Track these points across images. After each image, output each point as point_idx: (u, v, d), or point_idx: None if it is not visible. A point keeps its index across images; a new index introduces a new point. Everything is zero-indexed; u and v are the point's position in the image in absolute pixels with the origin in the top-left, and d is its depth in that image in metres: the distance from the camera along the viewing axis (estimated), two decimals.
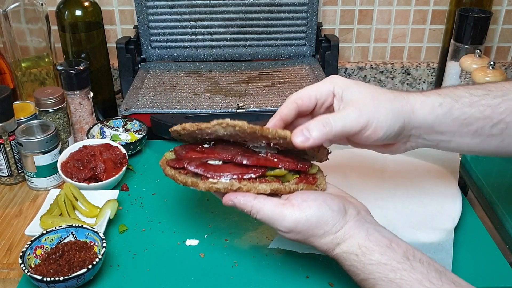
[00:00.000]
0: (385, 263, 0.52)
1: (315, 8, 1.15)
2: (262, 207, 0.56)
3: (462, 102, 0.58)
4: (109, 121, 0.97)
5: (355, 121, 0.56)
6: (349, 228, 0.56)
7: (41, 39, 1.04)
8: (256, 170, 0.58)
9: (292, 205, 0.56)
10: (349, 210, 0.57)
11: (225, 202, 0.58)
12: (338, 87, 0.60)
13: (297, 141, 0.56)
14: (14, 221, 0.79)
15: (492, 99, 0.58)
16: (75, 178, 0.81)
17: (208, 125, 0.57)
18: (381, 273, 0.52)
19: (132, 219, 0.76)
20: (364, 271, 0.54)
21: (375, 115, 0.56)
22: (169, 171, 0.61)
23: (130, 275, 0.65)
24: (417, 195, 0.76)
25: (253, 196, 0.57)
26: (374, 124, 0.56)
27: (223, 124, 0.56)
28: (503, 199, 0.79)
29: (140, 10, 1.13)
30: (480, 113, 0.57)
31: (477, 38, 1.09)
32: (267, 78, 1.11)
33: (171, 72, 1.14)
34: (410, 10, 1.24)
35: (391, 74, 1.29)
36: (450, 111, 0.58)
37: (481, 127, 0.58)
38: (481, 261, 0.68)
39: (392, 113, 0.57)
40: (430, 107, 0.58)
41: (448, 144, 0.60)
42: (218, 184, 0.57)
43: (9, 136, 0.84)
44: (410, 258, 0.53)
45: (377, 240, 0.54)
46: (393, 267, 0.52)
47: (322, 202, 0.56)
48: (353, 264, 0.55)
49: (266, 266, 0.67)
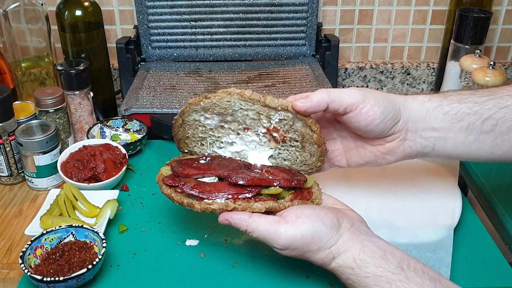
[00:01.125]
0: (380, 275, 0.53)
1: (315, 8, 1.15)
2: (257, 226, 0.58)
3: (450, 99, 0.61)
4: (109, 121, 0.97)
5: (352, 94, 0.59)
6: (344, 241, 0.57)
7: (41, 39, 1.04)
8: (251, 190, 0.60)
9: (286, 222, 0.57)
10: (343, 223, 0.58)
11: (220, 221, 0.60)
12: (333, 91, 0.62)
13: (297, 103, 0.58)
14: (14, 221, 0.79)
15: (479, 97, 0.61)
16: (75, 178, 0.81)
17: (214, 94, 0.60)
18: (376, 286, 0.53)
19: (132, 219, 0.76)
20: (360, 284, 0.55)
21: (371, 94, 0.59)
22: (165, 189, 0.62)
23: (130, 275, 0.65)
24: (417, 192, 0.76)
25: (248, 214, 0.58)
26: (372, 101, 0.59)
27: (228, 91, 0.59)
28: (503, 199, 0.79)
29: (140, 10, 1.13)
30: (468, 108, 0.60)
31: (477, 38, 1.09)
32: (267, 78, 1.11)
33: (171, 72, 1.14)
34: (410, 10, 1.24)
35: (391, 74, 1.29)
36: (439, 105, 0.61)
37: (472, 123, 0.60)
38: (481, 261, 0.68)
39: (386, 98, 0.60)
40: (420, 101, 0.61)
41: (445, 142, 0.61)
42: (213, 205, 0.59)
43: (9, 136, 0.84)
44: (404, 268, 0.54)
45: (371, 252, 0.55)
46: (388, 278, 0.53)
47: (316, 218, 0.57)
48: (349, 278, 0.56)
49: (266, 266, 0.67)
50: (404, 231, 0.68)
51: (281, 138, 0.63)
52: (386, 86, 1.30)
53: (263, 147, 0.66)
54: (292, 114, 0.60)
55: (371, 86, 1.30)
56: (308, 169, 0.65)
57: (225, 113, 0.63)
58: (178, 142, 0.69)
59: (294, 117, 0.61)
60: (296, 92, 1.03)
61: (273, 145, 0.65)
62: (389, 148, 0.62)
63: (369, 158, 0.64)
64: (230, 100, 0.61)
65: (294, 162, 0.66)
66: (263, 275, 0.65)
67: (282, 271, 0.66)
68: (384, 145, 0.62)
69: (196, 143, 0.68)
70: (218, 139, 0.66)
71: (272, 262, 0.67)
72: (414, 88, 1.30)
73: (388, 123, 0.60)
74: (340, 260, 0.56)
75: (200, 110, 0.63)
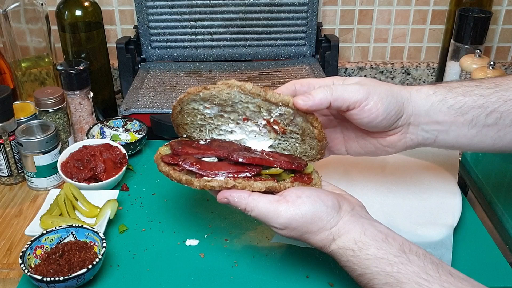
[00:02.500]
0: (382, 257, 0.53)
1: (315, 8, 1.15)
2: (256, 205, 0.56)
3: (455, 91, 0.60)
4: (109, 121, 0.97)
5: (355, 91, 0.58)
6: (344, 223, 0.56)
7: (41, 39, 1.04)
8: (251, 169, 0.58)
9: (286, 201, 0.56)
10: (344, 206, 0.58)
11: (219, 199, 0.58)
12: (337, 79, 0.62)
13: (299, 101, 0.57)
14: (14, 221, 0.79)
15: (484, 89, 0.60)
16: (75, 178, 0.81)
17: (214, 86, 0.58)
18: (378, 267, 0.52)
19: (132, 219, 0.76)
20: (360, 266, 0.54)
21: (375, 90, 0.58)
22: (163, 167, 0.61)
23: (130, 275, 0.65)
24: (417, 191, 0.76)
25: (247, 193, 0.57)
26: (375, 98, 0.58)
27: (228, 84, 0.58)
28: (503, 199, 0.79)
29: (140, 10, 1.13)
30: (473, 102, 0.59)
31: (477, 38, 1.09)
32: (267, 78, 1.11)
33: (171, 72, 1.14)
34: (410, 10, 1.24)
35: (391, 74, 1.29)
36: (444, 99, 0.60)
37: (476, 116, 0.59)
38: (481, 261, 0.68)
39: (391, 93, 0.59)
40: (425, 94, 0.60)
41: (447, 135, 0.61)
42: (212, 182, 0.57)
43: (9, 136, 0.84)
44: (406, 252, 0.53)
45: (372, 235, 0.55)
46: (389, 260, 0.52)
47: (316, 198, 0.57)
48: (349, 260, 0.55)
49: (266, 266, 0.67)
50: (404, 230, 0.68)
51: (281, 130, 0.63)
52: None
53: (262, 137, 0.65)
54: (293, 109, 0.59)
55: None
56: (308, 160, 0.65)
57: (224, 104, 0.62)
58: (176, 127, 0.67)
59: (295, 113, 0.60)
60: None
61: (273, 135, 0.64)
62: (390, 141, 0.62)
63: (369, 149, 0.64)
64: (230, 92, 0.60)
65: (293, 153, 0.65)
66: (263, 275, 0.65)
67: (282, 271, 0.66)
68: (385, 138, 0.62)
69: (195, 129, 0.67)
70: (217, 127, 0.66)
71: (272, 262, 0.68)
72: None
73: (391, 119, 0.59)
74: (341, 242, 0.55)
75: (199, 100, 0.62)
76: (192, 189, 0.83)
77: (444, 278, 0.51)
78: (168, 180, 0.85)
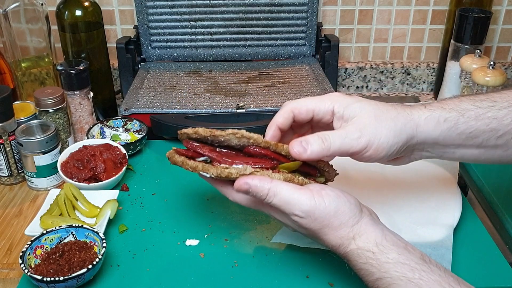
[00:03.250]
0: (403, 262, 0.51)
1: (315, 8, 1.15)
2: (279, 190, 0.54)
3: (467, 115, 0.57)
4: (109, 121, 0.97)
5: (355, 141, 0.55)
6: (365, 224, 0.55)
7: (41, 39, 1.04)
8: (268, 161, 0.56)
9: (310, 191, 0.55)
10: (364, 209, 0.57)
11: (239, 186, 0.55)
12: (338, 106, 0.58)
13: (294, 151, 0.55)
14: (14, 221, 0.79)
15: (498, 110, 0.57)
16: (75, 178, 0.81)
17: (222, 133, 0.55)
18: (398, 272, 0.51)
19: (132, 219, 0.76)
20: (380, 269, 0.52)
21: (376, 136, 0.55)
22: (178, 158, 0.59)
23: (130, 275, 0.65)
24: (417, 191, 0.76)
25: (269, 179, 0.55)
26: (375, 145, 0.56)
27: (237, 135, 0.55)
28: (503, 199, 0.79)
29: (140, 10, 1.13)
30: (486, 125, 0.57)
31: (477, 38, 1.09)
32: (267, 78, 1.11)
33: (171, 72, 1.14)
34: (410, 10, 1.24)
35: (391, 74, 1.29)
36: (455, 125, 0.57)
37: (486, 139, 0.57)
38: (481, 261, 0.67)
39: (394, 132, 0.56)
40: (435, 122, 0.57)
41: (453, 155, 0.60)
42: (230, 169, 0.55)
43: (9, 136, 0.84)
44: (427, 261, 0.52)
45: (393, 241, 0.54)
46: (411, 267, 0.51)
47: (340, 193, 0.55)
48: (368, 262, 0.53)
49: (266, 266, 0.67)
50: (404, 230, 0.68)
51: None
52: (386, 86, 1.30)
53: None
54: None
55: (371, 86, 1.30)
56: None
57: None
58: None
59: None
60: (296, 92, 1.03)
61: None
62: (394, 162, 0.62)
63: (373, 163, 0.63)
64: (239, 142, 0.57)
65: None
66: (263, 275, 0.65)
67: (282, 271, 0.66)
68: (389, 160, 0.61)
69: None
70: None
71: (272, 262, 0.67)
72: (414, 88, 1.30)
73: (391, 156, 0.58)
74: (361, 242, 0.53)
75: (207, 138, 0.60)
76: (192, 189, 0.83)
77: None
78: (168, 180, 0.86)
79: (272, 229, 0.71)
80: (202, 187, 0.83)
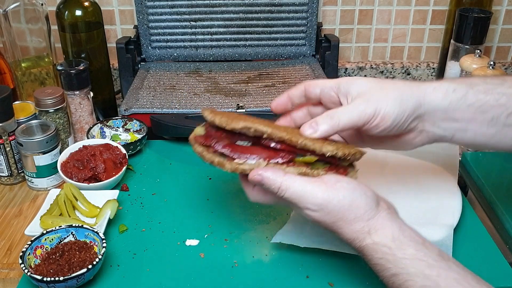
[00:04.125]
0: (421, 259, 0.50)
1: (315, 8, 1.15)
2: (292, 183, 0.54)
3: (476, 89, 0.57)
4: (109, 121, 0.97)
5: (362, 112, 0.55)
6: (382, 218, 0.54)
7: (41, 39, 1.04)
8: (284, 155, 0.56)
9: (325, 183, 0.54)
10: (381, 202, 0.56)
11: (251, 177, 0.55)
12: (343, 84, 0.59)
13: (306, 133, 0.56)
14: (14, 221, 0.79)
15: (508, 88, 0.57)
16: (75, 178, 0.81)
17: (236, 127, 0.56)
18: (415, 268, 0.50)
19: (132, 219, 0.76)
20: (397, 265, 0.51)
21: (383, 103, 0.55)
22: (197, 147, 0.60)
23: (130, 275, 0.65)
24: (417, 191, 0.76)
25: (282, 172, 0.54)
26: (382, 112, 0.55)
27: (251, 129, 0.56)
28: (503, 199, 0.79)
29: (140, 10, 1.13)
30: (495, 101, 0.56)
31: (477, 38, 1.09)
32: (267, 78, 1.11)
33: (171, 72, 1.14)
34: (410, 10, 1.24)
35: (391, 74, 1.29)
36: (464, 96, 0.57)
37: (496, 116, 0.57)
38: (481, 261, 0.68)
39: (400, 99, 0.56)
40: (444, 92, 0.57)
41: (464, 134, 0.58)
42: (244, 165, 0.56)
43: (9, 136, 0.84)
44: (445, 258, 0.51)
45: (410, 236, 0.53)
46: (429, 263, 0.50)
47: (356, 186, 0.55)
48: (384, 257, 0.52)
49: (266, 266, 0.67)
50: None
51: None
52: None
53: None
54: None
55: None
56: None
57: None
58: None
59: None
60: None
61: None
62: (406, 140, 0.60)
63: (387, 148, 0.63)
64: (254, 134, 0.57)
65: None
66: (263, 275, 0.65)
67: (282, 271, 0.66)
68: (400, 138, 0.60)
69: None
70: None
71: (272, 262, 0.67)
72: None
73: (401, 126, 0.57)
74: (377, 237, 0.52)
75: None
76: (192, 189, 0.83)
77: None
78: (168, 180, 0.86)
79: (272, 229, 0.71)
80: (202, 187, 0.83)
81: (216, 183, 0.84)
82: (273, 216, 0.76)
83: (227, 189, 0.83)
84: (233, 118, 0.57)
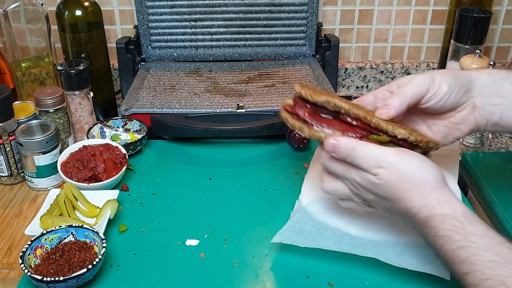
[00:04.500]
0: (492, 237, 0.51)
1: (315, 8, 1.15)
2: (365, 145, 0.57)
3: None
4: (109, 121, 0.97)
5: (422, 81, 0.61)
6: (449, 194, 0.55)
7: (41, 39, 1.04)
8: (358, 131, 0.60)
9: (397, 150, 0.57)
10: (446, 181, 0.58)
11: (327, 144, 0.59)
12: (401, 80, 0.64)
13: (383, 116, 0.60)
14: (14, 221, 0.79)
15: None
16: (75, 178, 0.81)
17: (318, 100, 0.62)
18: (486, 245, 0.50)
19: (132, 219, 0.76)
20: (466, 237, 0.51)
21: (438, 73, 0.62)
22: (283, 113, 0.65)
23: (130, 275, 0.65)
24: None
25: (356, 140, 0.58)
26: (438, 80, 0.61)
27: (331, 104, 0.61)
28: (503, 199, 0.79)
29: (140, 10, 1.13)
30: None
31: (477, 38, 1.09)
32: (267, 78, 1.11)
33: (171, 72, 1.14)
34: (410, 10, 1.24)
35: (391, 74, 1.29)
36: (506, 77, 0.63)
37: None
38: None
39: (450, 74, 0.62)
40: (487, 73, 0.64)
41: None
42: (320, 132, 0.60)
43: (9, 136, 0.84)
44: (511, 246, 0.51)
45: (478, 218, 0.53)
46: (499, 241, 0.50)
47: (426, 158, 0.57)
48: (453, 229, 0.52)
49: (266, 266, 0.67)
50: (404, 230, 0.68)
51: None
52: None
53: None
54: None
55: (371, 86, 1.30)
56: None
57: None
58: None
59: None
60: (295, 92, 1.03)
61: None
62: (460, 117, 0.64)
63: (443, 133, 0.65)
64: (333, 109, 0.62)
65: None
66: (263, 275, 0.65)
67: (282, 271, 0.66)
68: (455, 115, 0.64)
69: None
70: None
71: (272, 262, 0.68)
72: None
73: (456, 96, 0.62)
74: (448, 209, 0.53)
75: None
76: (192, 189, 0.83)
77: None
78: (168, 180, 0.86)
79: (272, 229, 0.71)
80: (202, 187, 0.83)
81: (216, 183, 0.84)
82: (273, 216, 0.76)
83: (227, 189, 0.83)
84: (318, 93, 0.63)
